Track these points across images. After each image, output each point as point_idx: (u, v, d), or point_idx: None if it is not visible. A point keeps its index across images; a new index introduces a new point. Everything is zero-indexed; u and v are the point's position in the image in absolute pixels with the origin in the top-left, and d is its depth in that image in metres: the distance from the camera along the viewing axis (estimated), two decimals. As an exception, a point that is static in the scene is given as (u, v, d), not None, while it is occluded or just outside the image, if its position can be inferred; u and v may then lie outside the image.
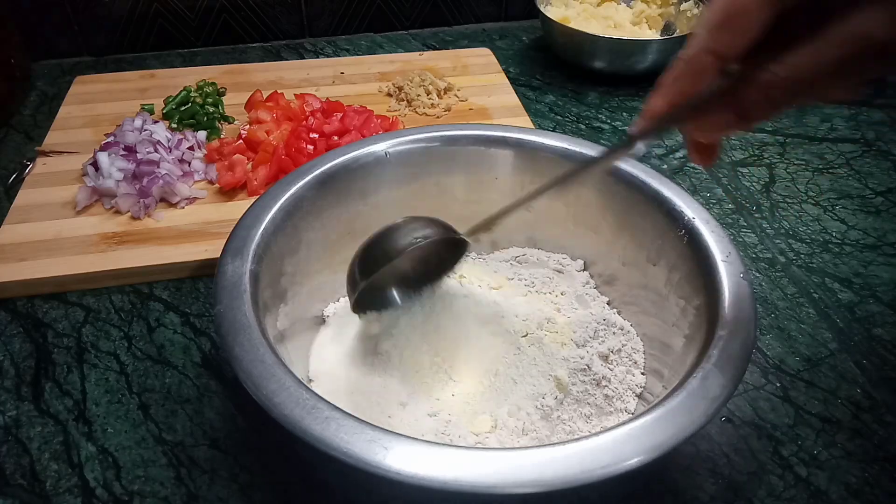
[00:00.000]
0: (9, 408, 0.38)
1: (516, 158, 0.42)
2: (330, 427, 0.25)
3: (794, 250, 0.51)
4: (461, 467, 0.24)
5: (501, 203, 0.42)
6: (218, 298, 0.31)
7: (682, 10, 0.74)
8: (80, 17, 0.70)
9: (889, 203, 0.56)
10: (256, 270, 0.33)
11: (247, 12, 0.74)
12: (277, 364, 0.28)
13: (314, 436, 0.25)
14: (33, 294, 0.44)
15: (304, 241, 0.38)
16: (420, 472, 0.24)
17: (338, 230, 0.40)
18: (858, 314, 0.45)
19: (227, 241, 0.34)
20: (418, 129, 0.42)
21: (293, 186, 0.37)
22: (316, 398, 0.26)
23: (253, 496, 0.34)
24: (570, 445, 0.25)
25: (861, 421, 0.38)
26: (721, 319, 0.30)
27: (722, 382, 0.27)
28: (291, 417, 0.25)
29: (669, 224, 0.36)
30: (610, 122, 0.65)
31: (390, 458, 0.24)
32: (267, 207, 0.36)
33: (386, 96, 0.65)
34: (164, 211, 0.50)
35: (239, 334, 0.29)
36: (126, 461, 0.35)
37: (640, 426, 0.25)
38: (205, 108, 0.59)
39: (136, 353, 0.41)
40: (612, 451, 0.25)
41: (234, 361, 0.28)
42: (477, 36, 0.80)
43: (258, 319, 0.30)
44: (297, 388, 0.27)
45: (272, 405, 0.26)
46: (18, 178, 0.53)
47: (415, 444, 0.25)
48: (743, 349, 0.29)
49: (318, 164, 0.39)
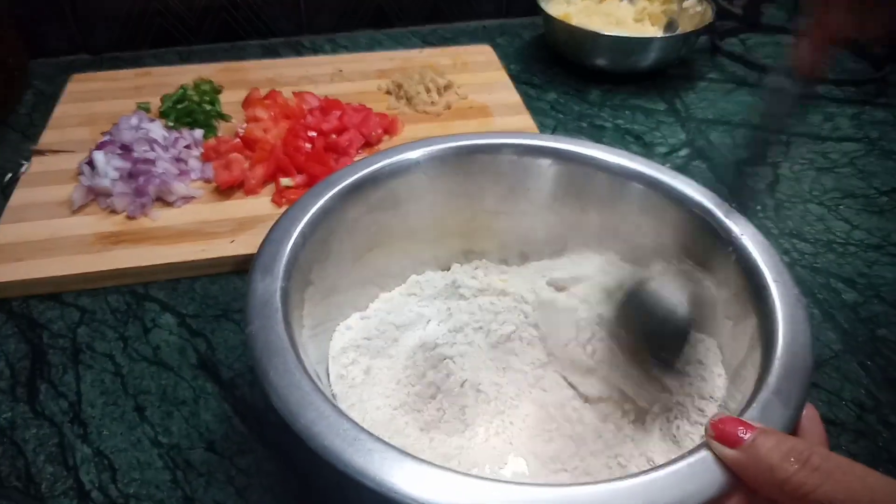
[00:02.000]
0: (4, 409, 0.37)
1: (550, 169, 0.41)
2: (374, 460, 0.24)
3: (799, 250, 0.50)
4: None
5: (533, 215, 0.42)
6: (249, 318, 0.29)
7: (684, 8, 0.73)
8: (76, 15, 0.69)
9: (894, 203, 0.55)
10: (287, 288, 0.31)
11: (244, 10, 0.74)
12: (315, 391, 0.26)
13: (356, 469, 0.24)
14: (29, 294, 0.44)
15: (334, 252, 0.37)
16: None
17: (366, 242, 0.39)
18: (863, 315, 0.45)
19: (257, 256, 0.33)
20: (450, 137, 0.41)
21: (322, 198, 0.36)
22: (357, 429, 0.25)
23: (249, 499, 0.33)
24: (637, 479, 0.23)
25: (865, 422, 0.38)
26: (776, 344, 0.29)
27: (783, 412, 0.26)
28: (332, 449, 0.24)
29: (716, 241, 0.35)
30: (612, 120, 0.64)
31: (436, 493, 0.23)
32: (296, 220, 0.35)
33: (385, 94, 0.65)
34: (161, 210, 0.50)
35: (274, 357, 0.27)
36: (122, 464, 0.35)
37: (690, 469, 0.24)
38: (202, 107, 0.59)
39: (131, 354, 0.41)
40: (675, 487, 0.23)
41: (269, 387, 0.27)
42: (477, 33, 0.79)
43: (291, 340, 0.29)
44: (338, 418, 0.25)
45: (311, 435, 0.25)
46: (14, 178, 0.53)
47: (463, 479, 0.23)
48: (802, 376, 0.27)
49: (347, 174, 0.38)
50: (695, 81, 0.71)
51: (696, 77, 0.72)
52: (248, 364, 0.40)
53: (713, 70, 0.74)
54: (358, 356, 0.36)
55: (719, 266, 0.35)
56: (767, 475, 0.22)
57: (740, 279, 0.33)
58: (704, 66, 0.74)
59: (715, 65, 0.75)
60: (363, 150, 0.57)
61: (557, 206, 0.41)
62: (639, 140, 0.62)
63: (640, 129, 0.63)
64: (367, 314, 0.39)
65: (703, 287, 0.36)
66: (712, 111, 0.66)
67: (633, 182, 0.39)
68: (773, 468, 0.22)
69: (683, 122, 0.65)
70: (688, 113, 0.66)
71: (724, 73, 0.73)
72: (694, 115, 0.66)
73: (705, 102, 0.68)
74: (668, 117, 0.65)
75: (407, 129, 0.60)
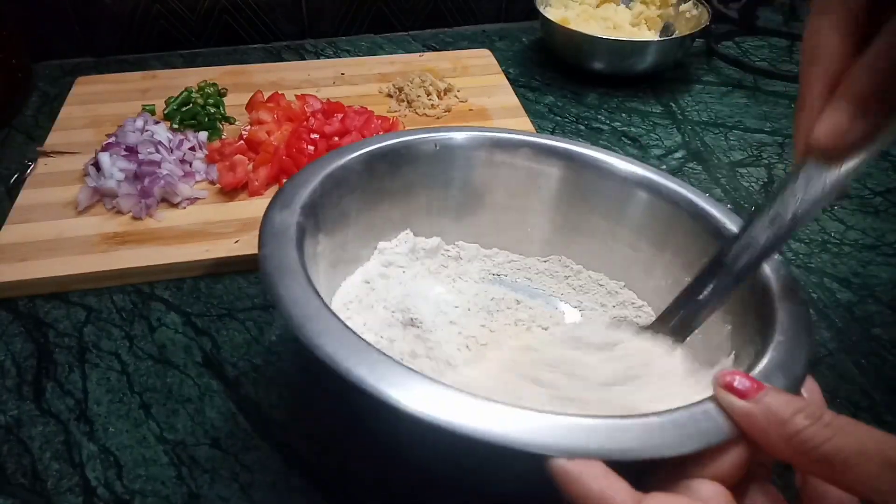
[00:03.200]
0: (10, 407, 0.38)
1: (563, 171, 0.42)
2: (376, 370, 0.24)
3: (793, 250, 0.51)
4: (531, 428, 0.23)
5: (542, 214, 0.43)
6: (264, 243, 0.30)
7: (681, 12, 0.74)
8: (81, 17, 0.70)
9: (888, 203, 0.56)
10: (303, 224, 0.32)
11: (248, 13, 0.74)
12: (322, 307, 0.27)
13: (358, 377, 0.24)
14: (35, 294, 0.44)
15: (348, 214, 0.38)
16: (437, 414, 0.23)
17: (378, 216, 0.40)
18: (857, 314, 0.45)
19: (275, 196, 0.34)
20: (471, 127, 0.42)
21: (344, 158, 0.37)
22: (363, 342, 0.25)
23: (254, 495, 0.34)
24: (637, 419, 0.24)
25: (860, 421, 0.39)
26: (775, 335, 0.29)
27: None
28: (336, 357, 0.25)
29: (714, 241, 0.36)
30: (609, 123, 0.65)
31: (436, 406, 0.23)
32: (315, 173, 0.36)
33: (386, 97, 0.66)
34: (166, 211, 0.50)
35: (285, 276, 0.28)
36: (127, 460, 0.35)
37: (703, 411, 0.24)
38: (206, 109, 0.60)
39: (137, 352, 0.41)
40: (672, 432, 0.23)
41: (279, 301, 0.27)
42: (477, 37, 0.80)
43: (303, 266, 0.29)
44: (343, 331, 0.26)
45: (316, 345, 0.25)
46: (20, 179, 0.53)
47: (458, 395, 0.24)
48: (801, 356, 0.28)
49: (370, 143, 0.39)
50: (691, 84, 0.72)
51: (691, 80, 0.73)
52: (252, 362, 0.41)
53: (709, 73, 0.75)
54: (352, 314, 0.38)
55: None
56: (777, 428, 0.22)
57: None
58: (700, 69, 0.75)
59: (711, 68, 0.76)
60: (364, 153, 0.57)
61: (563, 208, 0.42)
62: (635, 142, 0.63)
63: (636, 132, 0.64)
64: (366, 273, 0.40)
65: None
66: (707, 114, 0.67)
67: (637, 188, 0.40)
68: (785, 422, 0.22)
69: (679, 125, 0.65)
70: (683, 115, 0.67)
71: (720, 76, 0.74)
72: (689, 117, 0.67)
73: (701, 105, 0.69)
74: (663, 120, 0.66)
75: (408, 131, 0.61)
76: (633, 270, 0.41)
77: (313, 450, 0.36)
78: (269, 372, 0.40)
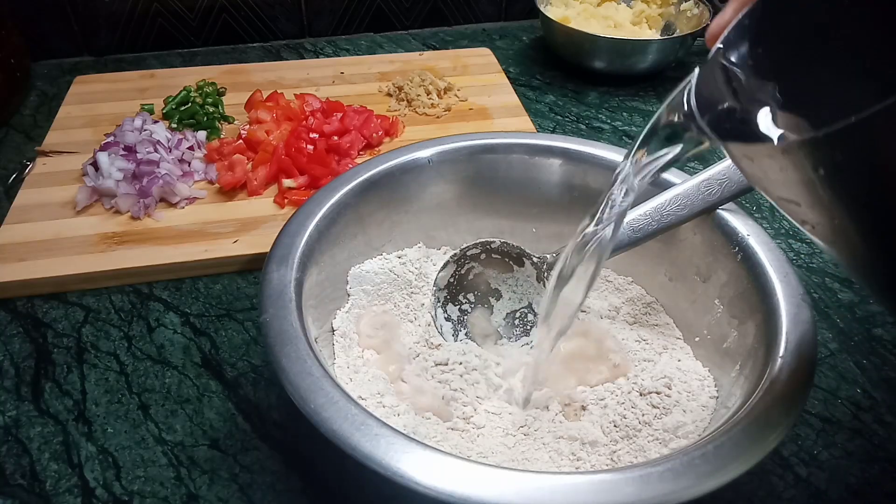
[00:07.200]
0: (8, 408, 0.38)
1: (561, 169, 0.41)
2: (380, 445, 0.25)
3: (795, 250, 0.51)
4: (527, 493, 0.23)
5: (543, 214, 0.42)
6: (264, 308, 0.30)
7: (682, 10, 0.74)
8: (79, 17, 0.70)
9: (889, 203, 0.56)
10: (301, 279, 0.32)
11: (247, 12, 0.74)
12: (325, 377, 0.27)
13: (363, 453, 0.24)
14: (33, 294, 0.44)
15: (348, 248, 0.38)
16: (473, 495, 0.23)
17: (379, 238, 0.40)
18: (858, 314, 0.45)
19: (272, 248, 0.34)
20: (462, 136, 0.42)
21: (337, 193, 0.37)
22: (366, 414, 0.26)
23: (253, 496, 0.34)
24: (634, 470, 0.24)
25: (861, 421, 0.38)
26: (779, 343, 0.29)
27: (778, 418, 0.26)
28: (341, 433, 0.25)
29: (722, 240, 0.36)
30: (610, 122, 0.65)
31: (442, 480, 0.24)
32: (311, 214, 0.36)
33: (386, 96, 0.65)
34: (164, 211, 0.50)
35: (286, 345, 0.28)
36: (126, 461, 0.35)
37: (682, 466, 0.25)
38: (205, 108, 0.59)
39: (135, 353, 0.41)
40: (670, 482, 0.24)
41: (281, 373, 0.28)
42: (477, 36, 0.80)
43: (304, 330, 0.30)
44: (346, 403, 0.26)
45: (321, 420, 0.25)
46: (18, 178, 0.53)
47: (469, 466, 0.24)
48: (803, 375, 0.28)
49: (361, 171, 0.39)
50: (692, 84, 0.72)
51: (693, 79, 0.73)
52: (251, 362, 0.40)
53: (711, 72, 0.74)
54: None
55: (722, 267, 0.35)
56: None
57: (746, 279, 0.34)
58: (702, 69, 0.75)
59: (712, 67, 0.75)
60: (364, 152, 0.57)
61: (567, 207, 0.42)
62: (637, 142, 0.62)
63: (637, 131, 0.64)
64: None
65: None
66: (710, 113, 0.67)
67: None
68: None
69: (681, 124, 0.65)
70: (685, 115, 0.67)
71: (722, 76, 0.74)
72: (692, 117, 0.66)
73: (703, 104, 0.68)
74: (666, 119, 0.66)
75: (407, 130, 0.60)
76: (640, 266, 0.41)
77: (313, 450, 0.36)
78: (268, 372, 0.40)
